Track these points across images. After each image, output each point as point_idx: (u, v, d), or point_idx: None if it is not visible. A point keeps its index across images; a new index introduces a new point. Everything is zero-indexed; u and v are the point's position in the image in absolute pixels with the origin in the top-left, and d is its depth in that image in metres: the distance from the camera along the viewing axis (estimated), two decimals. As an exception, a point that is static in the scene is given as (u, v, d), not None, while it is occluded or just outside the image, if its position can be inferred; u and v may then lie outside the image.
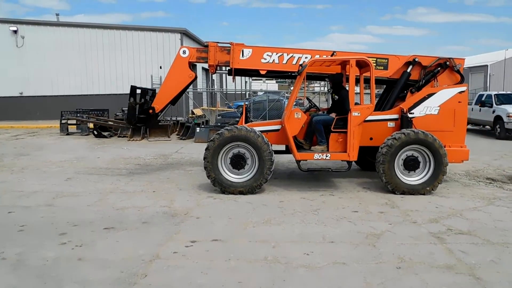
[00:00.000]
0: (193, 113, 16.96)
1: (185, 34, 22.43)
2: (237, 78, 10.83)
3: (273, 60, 7.01)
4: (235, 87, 23.70)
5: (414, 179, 6.30)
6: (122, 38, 21.98)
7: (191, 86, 21.76)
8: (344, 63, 6.63)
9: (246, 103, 7.38)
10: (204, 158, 6.20)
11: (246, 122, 7.28)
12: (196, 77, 7.29)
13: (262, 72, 7.13)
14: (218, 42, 7.12)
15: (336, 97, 6.86)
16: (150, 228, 4.74)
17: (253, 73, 7.74)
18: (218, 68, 7.28)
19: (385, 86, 8.12)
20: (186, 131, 13.78)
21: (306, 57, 6.90)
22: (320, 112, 7.20)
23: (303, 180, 7.25)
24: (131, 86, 7.43)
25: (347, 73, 6.48)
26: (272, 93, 23.20)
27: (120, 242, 4.30)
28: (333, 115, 6.59)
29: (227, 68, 7.28)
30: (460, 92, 6.70)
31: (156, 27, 22.32)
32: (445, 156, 6.18)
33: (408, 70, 6.96)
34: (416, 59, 6.92)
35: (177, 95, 7.36)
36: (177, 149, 11.41)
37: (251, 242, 4.28)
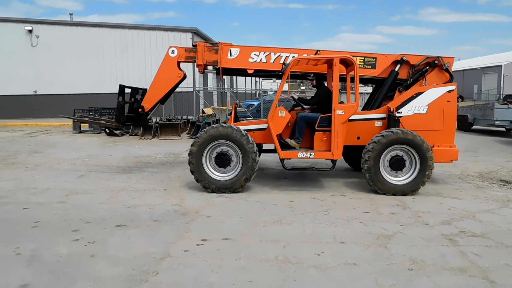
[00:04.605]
0: (203, 112, 17.04)
1: (196, 33, 22.55)
2: (248, 77, 10.77)
3: (261, 59, 7.00)
4: (245, 87, 23.76)
5: (398, 179, 6.25)
6: (134, 38, 22.19)
7: (202, 85, 21.80)
8: (330, 62, 6.57)
9: (237, 102, 7.42)
10: (189, 155, 6.25)
11: (236, 121, 7.29)
12: (185, 77, 7.32)
13: (250, 72, 7.12)
14: (206, 42, 7.14)
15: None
16: (161, 226, 4.77)
17: (241, 73, 7.71)
18: (206, 67, 7.30)
19: (374, 85, 8.05)
20: (196, 130, 13.85)
21: (293, 56, 6.84)
22: (306, 111, 7.18)
23: (313, 180, 7.23)
24: (120, 85, 7.55)
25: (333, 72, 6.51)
26: (282, 92, 23.13)
27: (131, 239, 4.34)
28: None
29: (215, 67, 7.27)
30: (449, 91, 6.62)
31: (168, 26, 22.50)
32: (432, 159, 6.13)
33: (396, 69, 6.90)
34: (404, 58, 6.85)
35: (166, 95, 7.42)
36: (188, 148, 11.44)
37: (261, 242, 4.28)
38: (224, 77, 27.54)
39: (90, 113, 15.10)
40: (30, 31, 22.14)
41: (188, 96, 17.62)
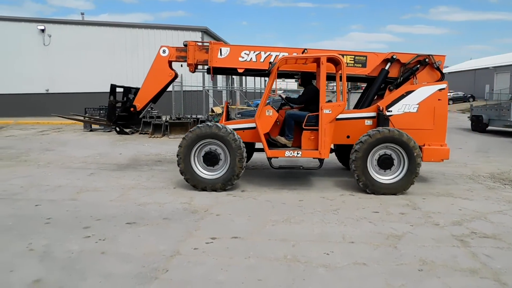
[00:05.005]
0: (213, 111, 17.09)
1: (206, 32, 22.61)
2: (257, 77, 10.80)
3: (251, 58, 7.00)
4: (255, 86, 23.76)
5: (387, 178, 6.22)
6: (145, 37, 22.33)
7: (211, 84, 21.84)
8: (319, 61, 6.54)
9: (229, 101, 7.49)
10: (177, 155, 6.29)
11: (228, 119, 7.30)
12: (176, 76, 7.37)
13: (240, 71, 7.12)
14: (197, 42, 7.18)
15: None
16: (170, 224, 4.80)
17: (232, 72, 7.73)
18: (197, 67, 7.31)
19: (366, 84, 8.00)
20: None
21: (283, 55, 6.80)
22: (295, 110, 7.17)
23: (322, 180, 7.21)
24: (111, 85, 7.66)
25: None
26: (291, 91, 23.13)
27: (141, 237, 4.38)
28: None
29: (206, 67, 7.28)
30: (440, 90, 6.57)
31: (178, 25, 22.60)
32: (419, 157, 6.09)
33: (386, 68, 6.85)
34: (395, 56, 6.81)
35: (158, 94, 7.46)
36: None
37: (270, 241, 4.28)
38: (234, 76, 27.59)
39: (101, 111, 15.24)
40: (43, 30, 22.41)
41: (197, 95, 17.69)
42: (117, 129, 14.16)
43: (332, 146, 7.69)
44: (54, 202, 5.66)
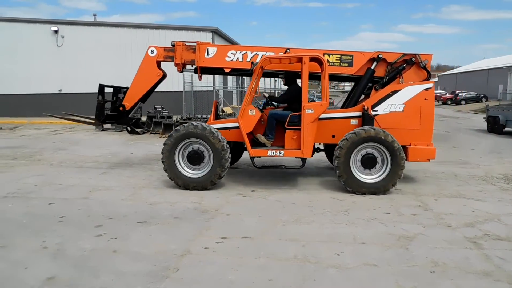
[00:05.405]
0: (223, 111, 17.12)
1: (216, 33, 22.68)
2: (267, 77, 10.77)
3: (237, 58, 7.00)
4: (265, 86, 23.73)
5: (370, 177, 6.19)
6: (156, 37, 22.45)
7: (221, 84, 21.84)
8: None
9: (219, 100, 7.56)
10: (162, 153, 6.36)
11: (216, 119, 7.34)
12: (165, 76, 7.41)
13: (227, 70, 7.13)
14: (184, 42, 7.19)
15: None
16: (181, 223, 4.83)
17: (219, 72, 7.74)
18: (185, 67, 7.33)
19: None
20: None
21: (270, 55, 6.79)
22: (278, 109, 7.15)
23: (333, 180, 7.17)
24: (99, 85, 7.80)
25: (309, 70, 6.50)
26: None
27: (152, 236, 4.42)
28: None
29: (194, 66, 7.29)
30: (427, 89, 6.51)
31: (189, 26, 22.70)
32: (403, 159, 6.06)
33: (372, 67, 6.81)
34: (380, 56, 6.76)
35: (146, 93, 7.53)
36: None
37: (281, 241, 4.28)
38: (244, 76, 27.65)
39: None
40: (56, 31, 22.71)
41: (208, 95, 17.75)
42: (129, 128, 14.38)
43: (321, 146, 7.70)
44: (67, 201, 5.74)
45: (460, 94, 43.61)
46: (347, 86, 45.95)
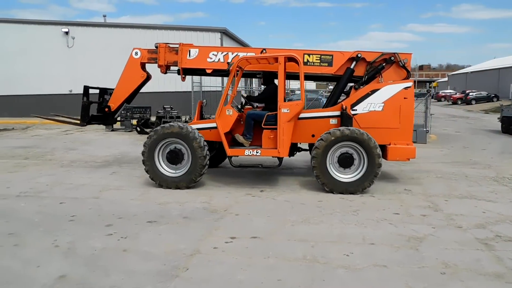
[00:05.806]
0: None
1: (225, 33, 22.72)
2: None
3: (219, 59, 7.02)
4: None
5: (347, 176, 6.19)
6: (165, 38, 22.52)
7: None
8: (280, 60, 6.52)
9: (204, 100, 7.62)
10: (142, 153, 6.46)
11: (201, 119, 7.40)
12: (149, 77, 7.49)
13: (208, 71, 7.15)
14: (168, 44, 7.24)
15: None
16: (190, 223, 4.86)
17: (201, 73, 7.79)
18: (169, 68, 7.38)
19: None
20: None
21: (247, 55, 6.79)
22: (256, 109, 7.14)
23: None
24: (84, 86, 7.89)
25: (287, 70, 6.56)
26: (310, 92, 23.01)
27: (162, 235, 4.45)
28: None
29: (177, 68, 7.33)
30: (406, 88, 6.46)
31: (197, 26, 22.79)
32: (379, 157, 6.04)
33: (352, 66, 6.78)
34: (360, 55, 6.73)
35: (131, 94, 7.63)
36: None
37: (290, 241, 4.29)
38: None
39: (122, 111, 15.47)
40: (67, 32, 22.96)
41: (216, 95, 17.79)
42: (138, 129, 14.48)
43: (306, 146, 7.67)
44: (77, 200, 5.80)
45: (470, 93, 43.11)
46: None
